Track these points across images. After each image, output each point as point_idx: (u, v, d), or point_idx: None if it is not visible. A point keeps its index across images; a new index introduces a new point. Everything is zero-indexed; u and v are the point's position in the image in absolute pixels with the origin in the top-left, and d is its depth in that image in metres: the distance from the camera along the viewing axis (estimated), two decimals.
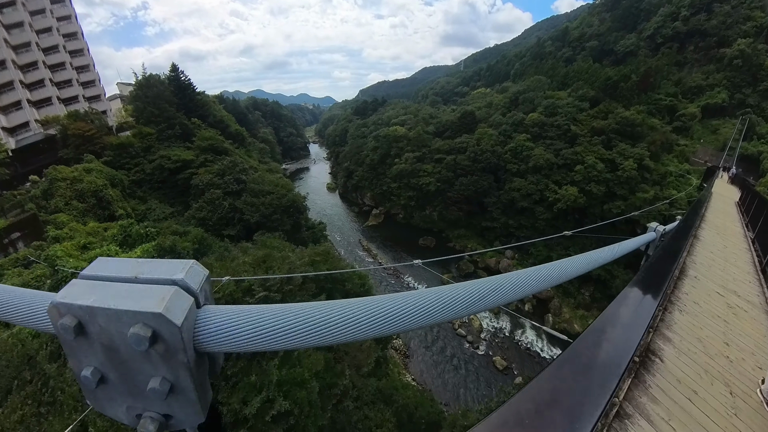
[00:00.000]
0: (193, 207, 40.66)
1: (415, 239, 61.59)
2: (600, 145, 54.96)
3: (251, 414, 12.78)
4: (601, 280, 45.79)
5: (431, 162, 66.16)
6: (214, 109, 70.25)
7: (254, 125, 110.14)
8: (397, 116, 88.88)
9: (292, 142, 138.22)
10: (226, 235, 37.41)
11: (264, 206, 39.43)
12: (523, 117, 63.82)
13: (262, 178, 43.58)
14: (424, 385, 33.65)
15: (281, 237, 32.85)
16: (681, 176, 53.01)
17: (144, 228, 25.87)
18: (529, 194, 54.93)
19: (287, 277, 17.35)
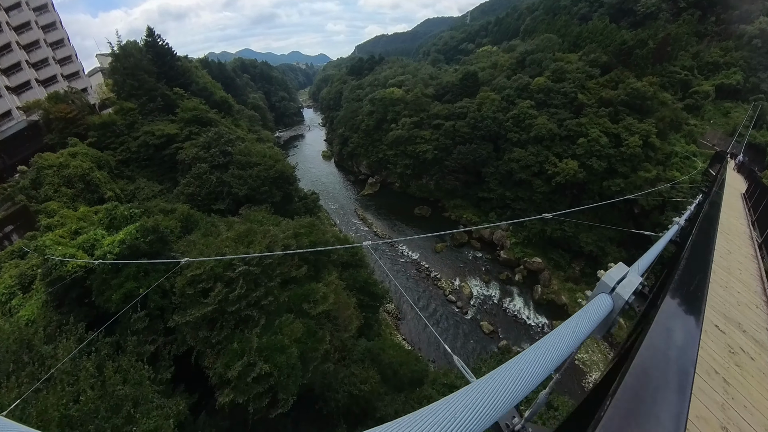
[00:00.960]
0: (181, 183, 41.63)
1: (410, 208, 63.69)
2: (606, 117, 54.72)
3: (233, 376, 14.99)
4: (593, 256, 48.59)
5: (429, 128, 66.53)
6: (196, 76, 69.50)
7: (243, 90, 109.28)
8: (394, 76, 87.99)
9: (285, 108, 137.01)
10: (215, 209, 38.58)
11: (251, 179, 40.47)
12: (529, 81, 63.15)
13: (249, 150, 44.21)
14: (413, 344, 38.06)
15: (268, 210, 34.17)
16: (686, 158, 53.06)
17: (128, 210, 27.30)
18: (528, 166, 55.61)
19: (250, 257, 19.05)
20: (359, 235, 57.26)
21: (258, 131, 77.06)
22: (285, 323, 17.46)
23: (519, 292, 47.30)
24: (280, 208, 40.27)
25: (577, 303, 44.69)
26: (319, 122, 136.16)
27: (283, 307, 18.90)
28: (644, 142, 50.43)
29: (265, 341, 16.26)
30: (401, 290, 43.52)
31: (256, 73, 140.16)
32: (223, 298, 17.58)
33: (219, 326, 17.53)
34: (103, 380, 14.09)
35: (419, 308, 42.98)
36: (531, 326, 42.31)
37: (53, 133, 43.35)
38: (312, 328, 18.45)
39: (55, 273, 18.93)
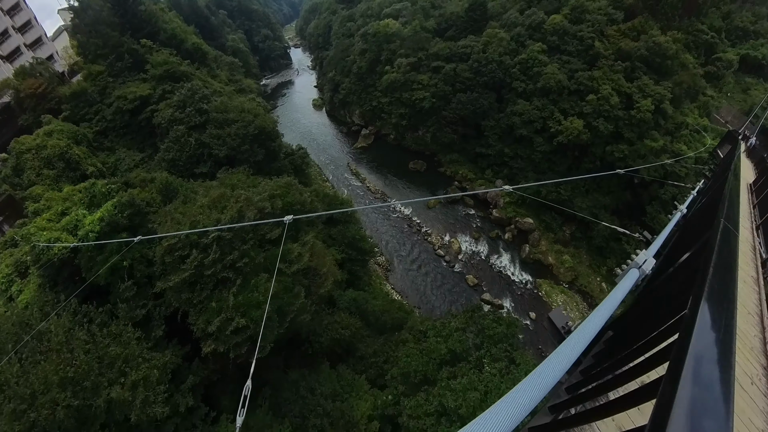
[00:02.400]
0: (161, 149, 43.12)
1: (405, 162, 66.74)
2: (621, 73, 54.04)
3: (213, 330, 19.22)
4: (585, 222, 50.82)
5: (428, 71, 65.83)
6: (163, 22, 65.68)
7: (220, 31, 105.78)
8: (390, 4, 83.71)
9: (270, 49, 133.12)
10: (198, 173, 41.07)
11: (230, 138, 42.33)
12: (544, 19, 60.71)
13: (225, 106, 45.58)
14: (401, 293, 44.19)
15: (247, 171, 37.06)
16: (696, 132, 53.32)
17: (105, 186, 29.92)
18: (531, 121, 56.07)
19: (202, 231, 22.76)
20: (352, 191, 61.12)
21: (239, 81, 76.60)
22: (260, 282, 21.46)
23: (507, 249, 51.74)
24: (263, 167, 42.89)
25: (562, 264, 48.78)
26: (308, 65, 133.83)
27: (260, 267, 22.82)
28: (656, 108, 50.36)
29: (241, 299, 20.35)
30: (381, 243, 48.48)
31: (234, 7, 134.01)
32: (198, 264, 21.46)
33: (199, 288, 21.57)
34: (96, 344, 18.50)
35: (409, 261, 48.68)
36: (515, 282, 47.41)
37: (26, 112, 44.65)
38: (288, 285, 22.49)
39: (44, 257, 22.58)
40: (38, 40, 58.25)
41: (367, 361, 25.03)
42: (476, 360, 20.20)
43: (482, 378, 18.27)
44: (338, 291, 30.98)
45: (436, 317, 31.64)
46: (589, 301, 46.87)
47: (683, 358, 2.32)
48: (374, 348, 25.66)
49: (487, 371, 19.22)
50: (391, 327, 29.31)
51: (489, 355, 20.26)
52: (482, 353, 20.51)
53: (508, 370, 19.35)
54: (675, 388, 2.07)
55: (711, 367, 2.37)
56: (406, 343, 24.51)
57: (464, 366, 19.46)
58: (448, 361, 20.80)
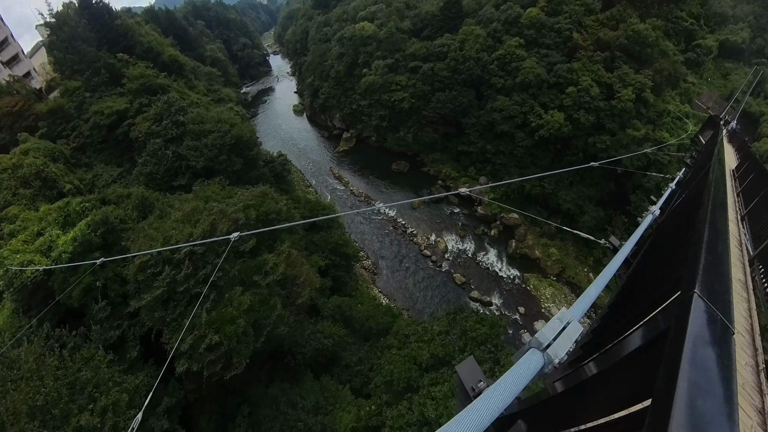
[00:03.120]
0: (138, 163, 42.30)
1: (388, 164, 66.20)
2: (601, 63, 53.96)
3: (186, 349, 18.45)
4: (570, 214, 51.91)
5: (405, 72, 65.84)
6: (139, 35, 64.63)
7: (198, 41, 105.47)
8: (365, 6, 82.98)
9: (249, 57, 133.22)
10: (177, 185, 40.35)
11: (207, 148, 41.62)
12: (520, 13, 60.31)
13: (201, 117, 45.03)
14: (389, 296, 43.36)
15: (223, 182, 36.29)
16: (678, 119, 53.53)
17: (79, 205, 29.18)
18: (511, 116, 55.92)
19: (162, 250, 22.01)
20: (335, 195, 60.39)
21: (217, 91, 76.10)
22: (234, 296, 20.71)
23: (493, 246, 51.48)
24: (242, 176, 42.09)
25: (549, 257, 48.71)
26: (288, 71, 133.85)
27: (235, 280, 22.08)
28: (637, 97, 50.47)
29: (215, 315, 19.60)
30: (366, 247, 47.60)
31: (211, 17, 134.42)
32: (171, 280, 20.74)
33: (172, 306, 20.83)
34: (66, 370, 17.73)
35: (395, 263, 48.03)
36: (502, 278, 47.17)
37: (3, 131, 43.80)
38: (264, 297, 21.78)
39: (17, 282, 21.79)
40: (15, 57, 57.36)
41: (352, 369, 24.33)
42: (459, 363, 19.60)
43: None
44: (322, 299, 30.33)
45: (423, 320, 30.99)
46: (577, 292, 46.53)
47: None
48: (359, 355, 24.97)
49: None
50: (376, 332, 28.76)
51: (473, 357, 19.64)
52: (466, 356, 19.91)
53: (492, 372, 18.76)
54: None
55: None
56: (391, 349, 23.93)
57: (446, 372, 18.87)
58: (432, 365, 20.22)
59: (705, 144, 24.03)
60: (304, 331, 24.40)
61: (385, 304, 40.44)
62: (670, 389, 1.61)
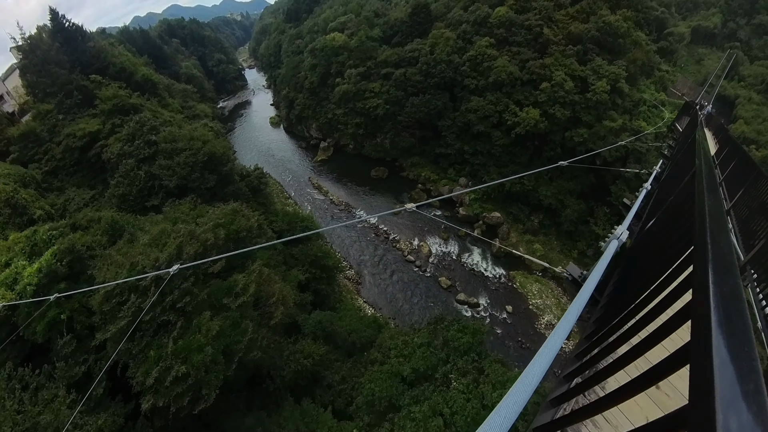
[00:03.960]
0: (111, 185, 41.27)
1: (367, 171, 65.40)
2: (574, 57, 53.75)
3: (151, 382, 17.08)
4: (552, 209, 51.50)
5: (378, 79, 65.70)
6: (112, 56, 64.00)
7: (173, 59, 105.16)
8: (335, 17, 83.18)
9: (224, 72, 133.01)
10: (150, 206, 39.18)
11: (179, 167, 40.53)
12: (489, 13, 60.17)
13: (174, 135, 43.89)
14: (374, 306, 42.20)
15: (194, 201, 35.15)
16: (654, 107, 53.43)
17: (47, 233, 27.97)
18: (486, 116, 55.52)
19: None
20: (315, 205, 59.21)
21: (192, 107, 75.14)
22: (203, 321, 19.39)
23: (477, 246, 50.74)
24: (217, 193, 41.07)
25: (534, 253, 48.35)
26: (263, 84, 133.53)
27: (204, 304, 20.75)
28: (612, 88, 50.25)
29: (182, 343, 18.25)
30: (348, 256, 46.38)
31: (186, 35, 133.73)
32: (136, 309, 19.36)
33: (138, 336, 19.42)
34: (26, 414, 16.30)
35: (379, 271, 46.80)
36: (488, 278, 46.39)
37: None
38: (235, 321, 20.49)
39: None
40: None
41: (335, 389, 22.95)
42: (443, 376, 18.56)
43: (448, 398, 16.65)
44: (303, 315, 28.99)
45: (406, 329, 29.64)
46: (564, 286, 45.79)
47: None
48: (342, 374, 23.61)
49: (455, 387, 17.62)
50: (360, 347, 27.49)
51: (455, 369, 18.65)
52: (449, 368, 18.88)
53: (476, 382, 17.83)
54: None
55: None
56: (374, 364, 22.75)
57: (427, 388, 17.78)
58: (414, 381, 19.12)
59: (682, 132, 22.98)
60: (283, 353, 22.99)
61: (371, 314, 39.23)
62: None
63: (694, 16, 75.88)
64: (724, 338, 1.54)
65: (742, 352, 1.49)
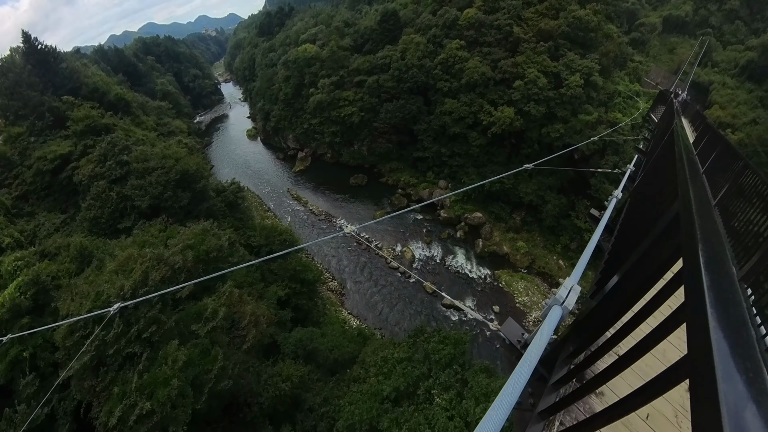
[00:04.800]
0: (83, 208, 39.88)
1: (345, 179, 64.34)
2: (546, 53, 53.48)
3: (114, 423, 15.74)
4: (533, 205, 51.32)
5: (352, 87, 65.31)
6: (85, 76, 63.74)
7: (149, 76, 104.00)
8: (306, 29, 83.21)
9: (200, 87, 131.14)
10: (122, 228, 37.77)
11: (152, 186, 39.16)
12: (457, 15, 60.01)
13: (145, 154, 42.57)
14: (359, 317, 40.92)
15: (165, 221, 33.88)
16: (629, 98, 53.21)
17: (12, 264, 26.58)
18: (461, 118, 55.18)
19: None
20: (295, 217, 57.84)
21: (167, 124, 74.16)
22: (170, 351, 18.11)
23: (461, 248, 50.04)
24: (191, 211, 39.81)
25: (517, 251, 47.67)
26: (239, 97, 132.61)
27: (172, 332, 19.43)
28: (586, 81, 50.11)
29: (147, 378, 16.96)
30: (330, 267, 45.32)
31: (161, 52, 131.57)
32: (100, 343, 18.05)
33: (103, 372, 18.09)
34: None
35: (362, 281, 45.66)
36: (473, 279, 45.68)
37: None
38: (205, 348, 19.23)
39: None
40: None
41: (317, 412, 21.52)
42: (425, 392, 17.53)
43: (430, 416, 15.65)
44: (283, 333, 27.68)
45: (389, 343, 28.32)
46: (550, 281, 46.05)
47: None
48: (324, 394, 22.18)
49: (437, 404, 16.64)
50: (343, 363, 26.20)
51: (438, 384, 17.63)
52: (431, 383, 17.86)
53: (460, 397, 16.91)
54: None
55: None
56: (356, 382, 21.59)
57: (407, 410, 16.72)
58: (396, 398, 18.05)
59: (658, 124, 22.16)
60: (260, 377, 21.60)
61: (356, 326, 38.03)
62: None
63: (665, 5, 76.08)
64: (725, 340, 1.41)
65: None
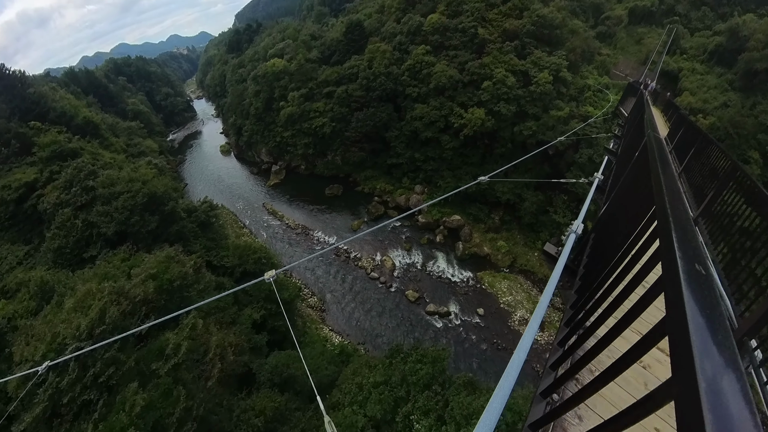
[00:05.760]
0: (47, 237, 38.20)
1: (321, 190, 63.07)
2: (512, 53, 53.47)
3: None
4: (511, 204, 51.07)
5: (321, 98, 64.99)
6: (53, 101, 62.65)
7: (119, 97, 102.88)
8: (274, 44, 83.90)
9: (173, 105, 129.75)
10: (88, 257, 36.20)
11: (118, 212, 37.35)
12: (422, 21, 60.40)
13: (112, 178, 40.74)
14: (341, 333, 39.25)
15: (129, 249, 32.37)
16: (599, 91, 53.17)
17: None
18: (432, 122, 54.92)
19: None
20: (271, 232, 56.15)
21: (138, 144, 72.76)
22: (129, 395, 16.66)
23: (441, 252, 49.20)
24: (159, 235, 38.12)
25: (498, 250, 46.99)
26: (212, 113, 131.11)
27: (131, 373, 17.99)
28: (555, 78, 50.14)
29: (102, 428, 15.51)
30: (309, 282, 44.50)
31: (133, 72, 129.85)
32: (54, 391, 16.59)
33: (57, 424, 16.61)
34: None
35: (342, 294, 44.17)
36: (456, 283, 44.72)
37: None
38: (167, 388, 17.80)
39: None
40: None
41: None
42: (403, 419, 16.37)
43: None
44: (258, 360, 26.16)
45: (363, 367, 26.77)
46: (532, 278, 45.62)
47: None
48: (302, 426, 20.77)
49: (417, 430, 15.51)
50: (322, 388, 24.69)
51: (416, 408, 16.50)
52: (410, 407, 16.70)
53: (441, 421, 15.88)
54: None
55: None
56: (336, 409, 20.25)
57: None
58: (375, 426, 16.88)
59: (628, 119, 21.32)
60: (232, 413, 20.13)
61: (338, 342, 36.59)
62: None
63: None
64: (696, 303, 1.59)
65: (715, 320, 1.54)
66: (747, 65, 49.83)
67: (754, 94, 49.03)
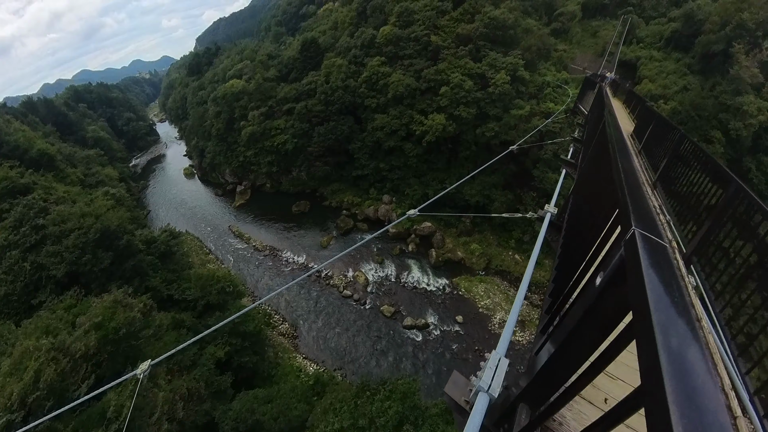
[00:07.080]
0: None
1: (288, 207, 61.14)
2: (467, 57, 53.30)
3: None
4: (480, 206, 50.13)
5: (282, 115, 64.28)
6: (6, 134, 61.21)
7: (79, 125, 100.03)
8: (232, 66, 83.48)
9: (135, 129, 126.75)
10: (37, 303, 33.36)
11: (68, 251, 34.63)
12: (374, 34, 60.61)
13: (63, 215, 37.89)
14: (315, 360, 36.99)
15: (78, 294, 29.92)
16: (558, 87, 52.88)
17: None
18: (394, 131, 54.44)
19: None
20: (238, 256, 53.38)
21: (96, 174, 69.08)
22: None
23: (415, 261, 47.89)
24: (114, 273, 35.41)
25: (472, 254, 45.98)
26: (175, 136, 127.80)
27: None
28: (513, 77, 49.83)
29: None
30: (279, 308, 42.35)
31: (93, 98, 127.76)
32: None
33: None
34: None
35: (315, 317, 42.03)
36: (432, 292, 43.38)
37: None
38: None
39: None
40: None
41: None
42: None
43: None
44: (222, 405, 23.75)
45: (328, 409, 24.62)
46: (509, 278, 44.78)
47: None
48: None
49: None
50: (290, 429, 22.63)
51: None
52: None
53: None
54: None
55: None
56: None
57: None
58: None
59: (588, 116, 19.91)
60: None
61: (313, 371, 34.26)
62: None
63: None
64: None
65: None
66: (704, 48, 50.03)
67: (712, 76, 49.21)
